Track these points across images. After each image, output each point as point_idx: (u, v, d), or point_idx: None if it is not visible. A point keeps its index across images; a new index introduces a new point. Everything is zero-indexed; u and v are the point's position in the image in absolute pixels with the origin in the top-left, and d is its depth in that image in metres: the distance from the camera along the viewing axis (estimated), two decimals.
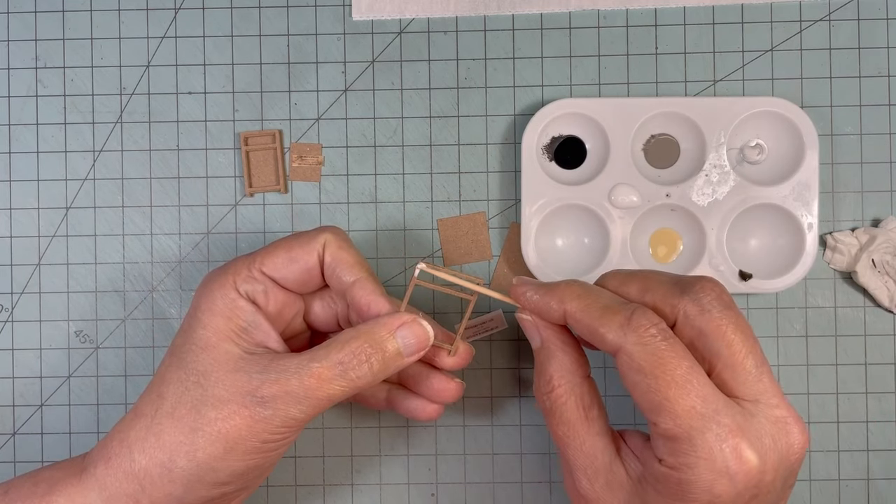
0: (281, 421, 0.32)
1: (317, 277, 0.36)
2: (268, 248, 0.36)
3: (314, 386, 0.32)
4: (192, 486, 0.32)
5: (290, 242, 0.36)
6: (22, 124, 0.45)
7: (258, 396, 0.32)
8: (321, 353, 0.33)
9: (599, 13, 0.45)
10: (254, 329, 0.34)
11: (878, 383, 0.44)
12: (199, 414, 0.32)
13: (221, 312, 0.34)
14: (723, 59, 0.45)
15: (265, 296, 0.35)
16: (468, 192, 0.45)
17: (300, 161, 0.45)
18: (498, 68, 0.45)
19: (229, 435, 0.32)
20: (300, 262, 0.35)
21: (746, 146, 0.44)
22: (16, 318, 0.45)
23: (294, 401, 0.32)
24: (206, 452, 0.32)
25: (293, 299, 0.37)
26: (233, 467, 0.32)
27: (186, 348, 0.34)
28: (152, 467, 0.32)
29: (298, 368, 0.32)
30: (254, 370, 0.33)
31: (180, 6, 0.45)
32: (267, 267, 0.35)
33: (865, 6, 0.44)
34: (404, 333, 0.34)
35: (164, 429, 0.32)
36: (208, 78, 0.45)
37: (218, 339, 0.33)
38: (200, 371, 0.33)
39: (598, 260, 0.43)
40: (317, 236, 0.36)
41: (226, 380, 0.32)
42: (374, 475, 0.45)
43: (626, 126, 0.43)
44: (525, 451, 0.45)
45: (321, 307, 0.39)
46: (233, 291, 0.34)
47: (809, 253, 0.42)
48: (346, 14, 0.45)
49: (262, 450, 0.33)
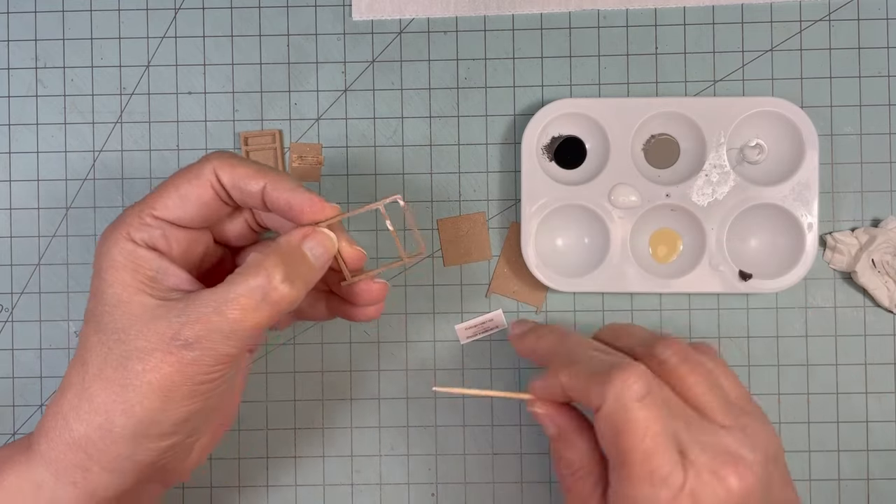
0: (212, 360, 0.31)
1: (218, 209, 0.34)
2: (156, 191, 0.34)
3: (238, 318, 0.31)
4: (138, 443, 0.31)
5: (178, 180, 0.34)
6: (22, 124, 0.45)
7: (181, 340, 0.31)
8: (237, 280, 0.31)
9: (599, 13, 0.45)
10: (162, 275, 0.33)
11: (878, 383, 0.44)
12: (127, 369, 0.31)
13: (124, 266, 0.32)
14: (723, 59, 0.45)
15: (165, 240, 0.33)
16: (468, 192, 0.45)
17: (300, 161, 0.45)
18: (498, 68, 0.45)
19: (161, 384, 0.31)
20: (193, 196, 0.33)
21: (746, 146, 0.44)
22: (16, 318, 0.45)
23: (221, 337, 0.31)
24: (142, 406, 0.31)
25: (198, 234, 0.35)
26: (173, 416, 0.31)
27: (101, 310, 0.32)
28: (92, 432, 0.31)
29: (217, 303, 0.31)
30: (172, 315, 0.31)
31: (180, 6, 0.45)
32: (158, 210, 0.33)
33: (865, 6, 0.44)
34: (311, 244, 0.33)
35: (95, 392, 0.31)
36: (208, 78, 0.45)
37: (129, 294, 0.32)
38: (119, 328, 0.32)
39: (598, 260, 0.43)
40: (203, 166, 0.33)
41: (146, 331, 0.31)
42: (374, 475, 0.45)
43: (626, 126, 0.43)
44: (525, 451, 0.45)
45: (232, 225, 0.37)
46: (129, 243, 0.33)
47: (809, 253, 0.42)
48: (346, 14, 0.45)
49: (200, 392, 0.32)
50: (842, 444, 0.44)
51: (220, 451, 0.45)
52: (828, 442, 0.44)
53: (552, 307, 0.45)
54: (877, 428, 0.44)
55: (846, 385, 0.44)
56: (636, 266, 0.43)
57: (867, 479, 0.44)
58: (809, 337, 0.45)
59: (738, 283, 0.43)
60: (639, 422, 0.32)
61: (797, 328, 0.45)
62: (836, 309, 0.45)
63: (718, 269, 0.43)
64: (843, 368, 0.44)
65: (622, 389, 0.32)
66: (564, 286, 0.43)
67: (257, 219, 0.36)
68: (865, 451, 0.44)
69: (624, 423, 0.32)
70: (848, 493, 0.44)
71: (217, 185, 0.33)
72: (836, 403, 0.44)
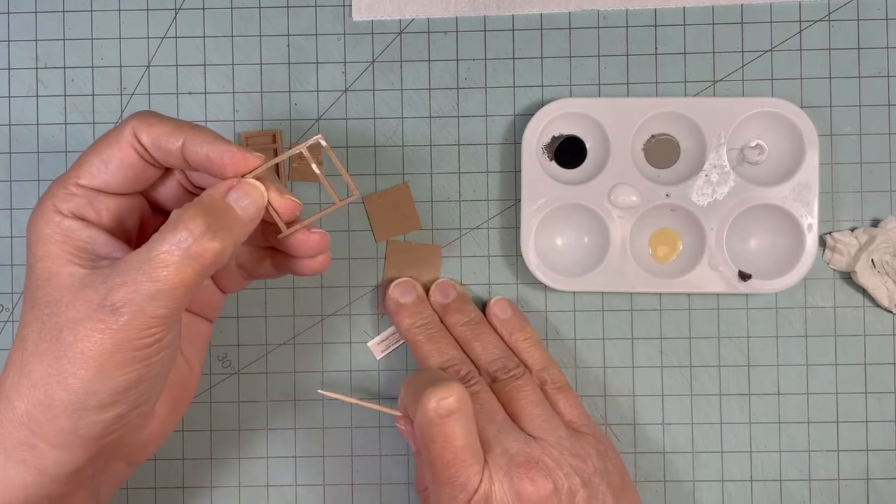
0: (142, 323, 0.30)
1: (144, 171, 0.33)
2: (79, 159, 0.33)
3: (162, 275, 0.30)
4: (80, 415, 0.31)
5: (99, 145, 0.32)
6: (22, 124, 0.45)
7: (108, 305, 0.30)
8: (157, 237, 0.30)
9: (599, 13, 0.45)
10: (92, 245, 0.32)
11: (878, 383, 0.44)
12: (60, 341, 0.30)
13: (51, 239, 0.31)
14: (723, 59, 0.45)
15: (93, 208, 0.32)
16: (468, 192, 0.45)
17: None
18: (498, 68, 0.45)
19: (94, 352, 0.30)
20: (115, 161, 0.32)
21: (746, 146, 0.44)
22: (16, 319, 0.45)
23: (148, 298, 0.30)
24: (77, 377, 0.30)
25: (129, 201, 0.34)
26: (112, 385, 0.30)
27: (34, 286, 0.32)
28: (32, 408, 0.31)
29: (141, 263, 0.30)
30: (98, 282, 0.30)
31: (180, 6, 0.45)
32: (83, 178, 0.32)
33: (865, 6, 0.44)
34: (237, 195, 0.32)
35: (33, 368, 0.31)
36: (208, 78, 0.45)
37: (58, 266, 0.31)
38: (51, 301, 0.31)
39: (598, 260, 0.43)
40: (122, 128, 0.32)
41: (75, 301, 0.30)
42: (374, 475, 0.45)
43: (626, 126, 0.43)
44: None
45: (166, 189, 0.36)
46: (56, 215, 0.32)
47: (809, 253, 0.42)
48: (346, 14, 0.45)
49: (138, 358, 0.31)
50: (842, 444, 0.44)
51: (219, 450, 0.45)
52: (828, 442, 0.45)
53: (552, 307, 0.45)
54: (877, 428, 0.44)
55: (846, 385, 0.44)
56: (636, 266, 0.43)
57: (867, 479, 0.44)
58: (809, 337, 0.45)
59: (737, 283, 0.43)
60: (442, 436, 0.35)
61: (797, 328, 0.45)
62: (836, 309, 0.45)
63: (718, 270, 0.43)
64: (842, 368, 0.44)
65: (433, 405, 0.35)
66: (564, 286, 0.43)
67: (190, 179, 0.35)
68: (865, 451, 0.44)
69: (430, 436, 0.35)
70: (848, 493, 0.44)
71: (138, 146, 0.32)
72: (836, 403, 0.44)
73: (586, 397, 0.45)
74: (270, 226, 0.34)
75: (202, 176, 0.34)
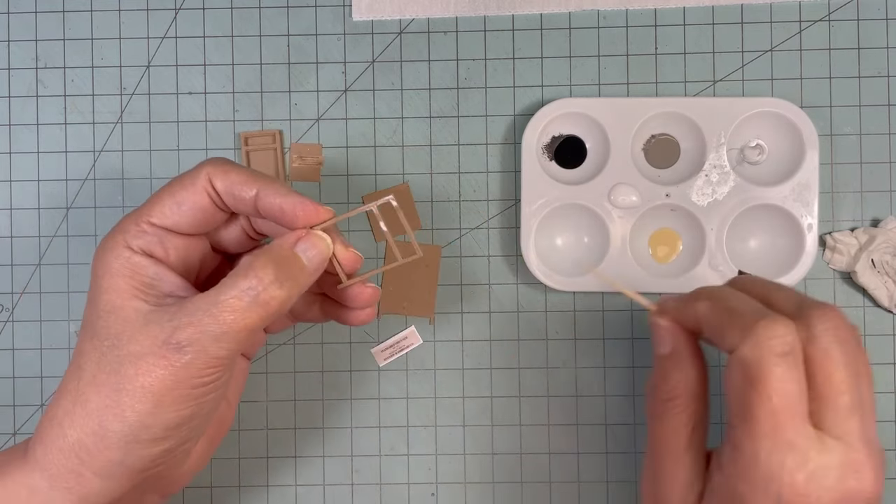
0: (203, 363, 0.31)
1: (213, 215, 0.34)
2: (152, 198, 0.34)
3: (229, 319, 0.31)
4: (130, 448, 0.31)
5: (173, 187, 0.34)
6: (22, 124, 0.45)
7: (174, 343, 0.31)
8: (228, 283, 0.32)
9: (599, 13, 0.45)
10: (158, 282, 0.33)
11: (878, 383, 0.44)
12: (120, 374, 0.31)
13: (119, 273, 0.32)
14: (723, 59, 0.45)
15: (162, 247, 0.34)
16: (468, 192, 0.45)
17: (300, 161, 0.45)
18: (498, 68, 0.45)
19: (154, 388, 0.31)
20: (188, 203, 0.33)
21: (746, 146, 0.44)
22: (16, 318, 0.45)
23: (212, 339, 0.31)
24: (134, 410, 0.31)
25: (195, 241, 0.35)
26: (166, 421, 0.31)
27: (96, 316, 0.32)
28: (85, 437, 0.31)
29: (209, 306, 0.31)
30: (164, 319, 0.31)
31: (180, 6, 0.45)
32: (155, 217, 0.33)
33: (865, 6, 0.44)
34: (305, 247, 0.33)
35: (89, 397, 0.32)
36: (208, 78, 0.45)
37: (123, 300, 0.32)
38: (113, 334, 0.32)
39: (598, 259, 0.43)
40: (198, 173, 0.34)
41: (139, 335, 0.31)
42: (374, 475, 0.45)
43: (626, 126, 0.43)
44: (525, 450, 0.45)
45: (229, 232, 0.37)
46: (126, 250, 0.33)
47: (809, 253, 0.42)
48: (346, 14, 0.45)
49: (193, 396, 0.32)
50: None
51: (220, 450, 0.45)
52: None
53: (552, 307, 0.45)
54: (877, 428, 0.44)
55: None
56: (636, 266, 0.43)
57: None
58: None
59: None
60: (774, 377, 0.30)
61: None
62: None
63: (718, 270, 0.43)
64: None
65: (765, 339, 0.30)
66: (564, 285, 0.43)
67: (254, 225, 0.37)
68: None
69: (757, 374, 0.30)
70: None
71: (212, 192, 0.34)
72: None
73: (586, 397, 0.45)
74: (327, 274, 0.36)
75: (267, 223, 0.36)
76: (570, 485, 0.45)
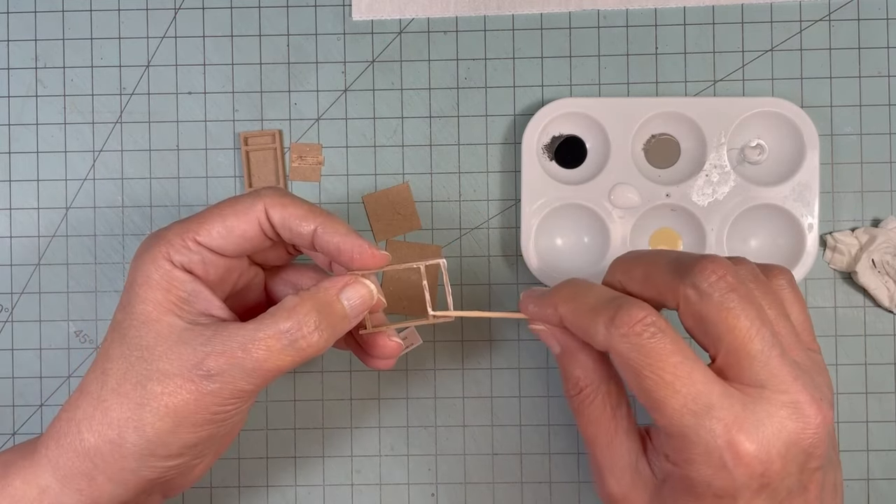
0: (229, 394, 0.31)
1: (261, 242, 0.34)
2: (202, 217, 0.34)
3: (262, 358, 0.31)
4: (145, 460, 0.32)
5: (226, 210, 0.34)
6: (22, 124, 0.45)
7: (203, 370, 0.31)
8: (267, 321, 0.32)
9: (599, 13, 0.45)
10: (195, 299, 0.33)
11: (878, 383, 0.44)
12: (145, 389, 0.31)
13: (158, 285, 0.32)
14: (723, 59, 0.45)
15: (203, 265, 0.33)
16: (468, 192, 0.45)
17: (300, 161, 0.45)
18: (498, 68, 0.45)
19: (177, 409, 0.31)
20: (238, 231, 0.33)
21: (747, 146, 0.44)
22: (16, 318, 0.45)
23: (242, 373, 0.31)
24: (154, 427, 0.31)
25: (235, 261, 0.35)
26: (184, 440, 0.32)
27: (128, 323, 0.32)
28: (102, 444, 0.32)
29: (245, 340, 0.31)
30: (198, 342, 0.31)
31: (180, 6, 0.45)
32: (202, 236, 0.33)
33: (865, 6, 0.44)
34: (349, 294, 0.33)
35: (111, 405, 0.32)
36: (208, 78, 0.45)
37: (158, 313, 0.32)
38: (143, 346, 0.32)
39: (598, 259, 0.43)
40: (254, 204, 0.34)
41: (170, 353, 0.31)
42: (374, 475, 0.45)
43: (627, 126, 0.43)
44: (525, 451, 0.45)
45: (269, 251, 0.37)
46: (167, 263, 0.33)
47: (810, 253, 0.42)
48: (346, 14, 0.45)
49: (213, 421, 0.32)
50: (842, 445, 0.44)
51: None
52: None
53: None
54: (877, 428, 0.44)
55: (846, 385, 0.44)
56: None
57: (867, 479, 0.44)
58: None
59: None
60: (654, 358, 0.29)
61: None
62: (837, 309, 0.45)
63: None
64: (843, 368, 0.44)
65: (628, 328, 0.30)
66: None
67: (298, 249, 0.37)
68: (865, 451, 0.44)
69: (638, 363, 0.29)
70: (848, 493, 0.44)
71: (265, 223, 0.34)
72: (837, 403, 0.44)
73: None
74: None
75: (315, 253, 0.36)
76: (571, 485, 0.45)
